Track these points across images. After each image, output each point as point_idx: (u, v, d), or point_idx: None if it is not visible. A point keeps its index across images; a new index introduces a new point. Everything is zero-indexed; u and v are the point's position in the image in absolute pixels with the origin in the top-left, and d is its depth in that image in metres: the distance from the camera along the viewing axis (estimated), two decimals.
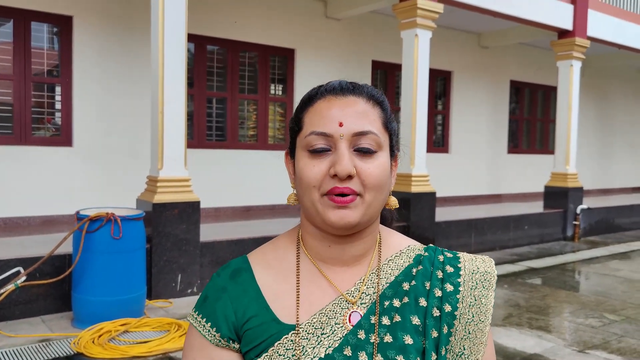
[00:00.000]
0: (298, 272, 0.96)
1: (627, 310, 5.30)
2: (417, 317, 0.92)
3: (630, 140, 15.14)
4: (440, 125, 10.84)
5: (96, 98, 6.82)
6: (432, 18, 7.09)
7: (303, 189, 0.90)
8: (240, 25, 7.97)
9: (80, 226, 4.28)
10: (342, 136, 0.88)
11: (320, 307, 0.92)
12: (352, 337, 0.90)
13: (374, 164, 0.89)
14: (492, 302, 0.96)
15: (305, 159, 0.90)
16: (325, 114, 0.89)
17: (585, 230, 9.80)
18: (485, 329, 0.95)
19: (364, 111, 0.91)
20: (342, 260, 0.96)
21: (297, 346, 0.89)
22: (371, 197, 0.89)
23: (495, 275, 0.99)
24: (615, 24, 10.19)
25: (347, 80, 0.95)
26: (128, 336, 4.13)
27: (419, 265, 0.98)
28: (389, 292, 0.94)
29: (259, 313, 0.93)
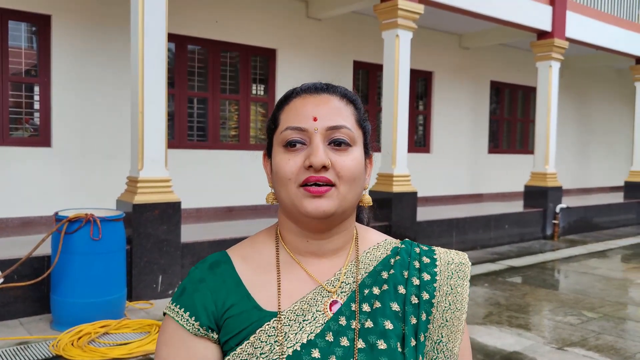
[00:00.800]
0: (278, 264, 0.98)
1: (605, 307, 5.38)
2: (396, 303, 0.95)
3: (608, 140, 15.38)
4: (422, 125, 10.91)
5: (75, 98, 6.75)
6: (413, 19, 7.13)
7: (280, 183, 0.93)
8: (222, 25, 7.95)
9: (59, 227, 4.23)
10: (316, 130, 0.91)
11: (300, 296, 0.95)
12: (333, 323, 0.92)
13: (348, 157, 0.92)
14: (467, 292, 1.00)
15: (282, 154, 0.93)
16: (300, 111, 0.93)
17: (564, 229, 9.93)
18: (462, 316, 0.98)
19: (338, 108, 0.94)
20: (320, 253, 0.98)
21: (279, 332, 0.90)
22: (346, 189, 0.92)
23: (469, 267, 1.03)
24: (594, 26, 10.34)
25: (320, 82, 0.99)
26: (108, 338, 4.09)
27: (396, 256, 1.02)
28: (369, 280, 0.98)
29: (239, 301, 0.94)
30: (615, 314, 5.20)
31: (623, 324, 4.91)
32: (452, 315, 0.97)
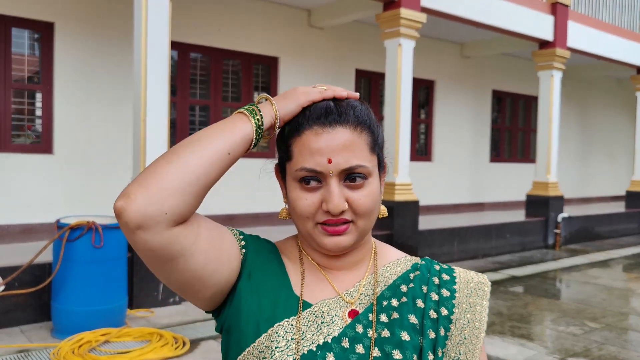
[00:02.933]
0: (302, 268, 1.01)
1: (607, 318, 5.36)
2: (414, 316, 0.97)
3: (609, 150, 15.37)
4: (424, 134, 10.91)
5: (77, 105, 6.76)
6: (415, 28, 7.15)
7: (297, 217, 0.95)
8: (224, 33, 7.97)
9: (60, 235, 4.22)
10: (331, 173, 0.91)
11: (321, 299, 0.98)
12: (350, 330, 0.94)
13: (364, 193, 0.93)
14: (487, 311, 1.01)
15: (298, 191, 0.94)
16: (313, 148, 0.92)
17: (565, 239, 9.91)
18: (480, 335, 0.98)
19: (352, 143, 0.93)
20: (339, 267, 1.01)
21: (297, 331, 0.93)
22: (363, 223, 0.95)
23: (489, 286, 1.04)
24: (595, 36, 10.36)
25: (332, 104, 0.94)
26: (109, 346, 4.07)
27: (416, 271, 1.04)
28: (387, 293, 1.00)
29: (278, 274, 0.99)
30: (618, 324, 5.18)
31: (626, 335, 4.88)
32: (471, 333, 0.98)
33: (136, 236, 0.84)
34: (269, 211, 8.19)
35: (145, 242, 0.84)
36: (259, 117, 0.92)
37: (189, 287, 0.92)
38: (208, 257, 0.90)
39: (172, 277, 0.90)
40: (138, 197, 0.82)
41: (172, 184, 0.84)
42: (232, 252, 0.96)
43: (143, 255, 0.87)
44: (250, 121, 0.92)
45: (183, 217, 0.86)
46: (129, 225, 0.83)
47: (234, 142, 0.90)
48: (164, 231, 0.84)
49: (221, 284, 0.94)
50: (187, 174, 0.85)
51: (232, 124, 0.91)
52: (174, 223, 0.85)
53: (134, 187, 0.84)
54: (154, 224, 0.83)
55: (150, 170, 0.86)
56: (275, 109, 0.94)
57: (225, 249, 0.94)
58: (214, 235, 0.93)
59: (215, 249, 0.92)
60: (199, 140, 0.89)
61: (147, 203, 0.82)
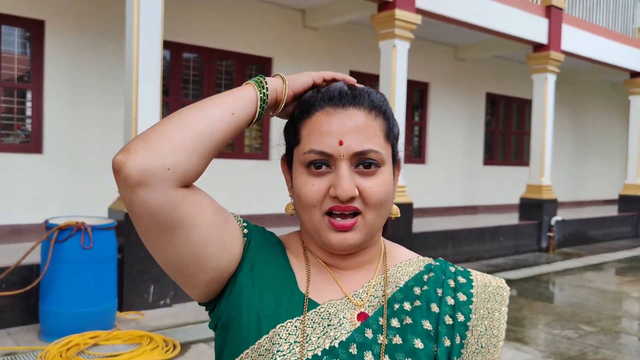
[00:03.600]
0: (308, 267, 0.93)
1: (602, 321, 5.33)
2: (428, 322, 0.90)
3: (603, 153, 15.41)
4: (417, 137, 10.88)
5: (68, 104, 6.67)
6: (410, 29, 7.12)
7: (302, 206, 0.88)
8: (218, 32, 7.90)
9: (48, 235, 4.15)
10: (342, 156, 0.84)
11: (327, 299, 0.90)
12: (358, 335, 0.87)
13: (376, 182, 0.86)
14: (505, 318, 0.94)
15: (304, 176, 0.87)
16: (324, 129, 0.85)
17: (559, 242, 9.89)
18: (499, 344, 0.92)
19: (365, 126, 0.86)
20: (347, 267, 0.94)
21: (301, 333, 0.85)
22: (373, 216, 0.87)
23: (507, 291, 0.97)
24: (589, 39, 10.38)
25: (347, 87, 0.89)
26: (98, 349, 4.00)
27: (430, 272, 0.97)
28: (399, 295, 0.92)
29: (282, 268, 0.92)
30: (613, 327, 5.15)
31: (621, 338, 4.85)
32: (488, 342, 0.91)
33: (136, 195, 0.77)
34: (261, 212, 8.12)
35: (144, 202, 0.77)
36: (264, 83, 0.88)
37: (184, 267, 0.84)
38: (209, 236, 0.83)
39: (169, 252, 0.83)
40: (139, 151, 0.77)
41: (175, 139, 0.79)
42: (235, 238, 0.89)
43: (140, 221, 0.80)
44: (254, 87, 0.87)
45: (187, 177, 0.80)
46: (128, 181, 0.76)
47: (238, 104, 0.85)
48: (166, 191, 0.78)
49: (220, 269, 0.86)
50: (190, 130, 0.80)
51: (235, 90, 0.87)
52: (177, 183, 0.79)
53: (135, 142, 0.79)
54: (156, 181, 0.77)
55: (152, 127, 0.81)
56: (283, 77, 0.90)
57: (229, 233, 0.88)
58: (218, 215, 0.86)
59: (218, 229, 0.85)
60: (202, 102, 0.85)
61: (149, 157, 0.77)
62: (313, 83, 0.92)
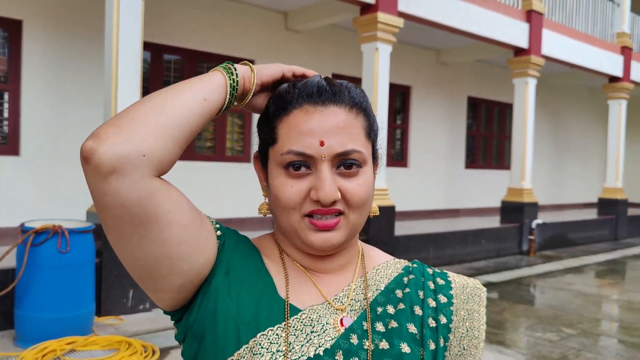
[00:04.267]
0: (285, 269, 0.88)
1: (583, 324, 5.36)
2: (413, 325, 0.87)
3: (582, 157, 15.59)
4: (400, 140, 10.90)
5: (46, 106, 6.56)
6: (392, 32, 7.13)
7: (280, 208, 0.83)
8: (199, 34, 7.84)
9: (24, 239, 4.05)
10: (323, 157, 0.80)
11: (308, 304, 0.86)
12: (344, 341, 0.83)
13: (358, 182, 0.83)
14: (485, 319, 0.93)
15: (282, 177, 0.82)
16: (303, 129, 0.81)
17: (540, 245, 9.97)
18: (480, 345, 0.91)
19: (347, 125, 0.82)
20: (325, 270, 0.90)
21: (284, 342, 0.80)
22: (355, 216, 0.84)
23: (485, 292, 0.97)
24: (569, 44, 10.49)
25: (325, 82, 0.85)
26: (75, 355, 3.91)
27: (409, 274, 0.94)
28: (381, 298, 0.89)
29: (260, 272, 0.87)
30: (594, 330, 5.18)
31: (601, 341, 4.88)
32: (470, 343, 0.90)
33: (108, 185, 0.71)
34: (244, 216, 8.06)
35: (118, 192, 0.71)
36: (232, 69, 0.83)
37: (155, 268, 0.77)
38: (185, 236, 0.78)
39: (140, 251, 0.76)
40: (111, 136, 0.71)
41: (151, 123, 0.73)
42: (210, 240, 0.83)
43: (112, 215, 0.73)
44: (223, 73, 0.82)
45: (162, 165, 0.75)
46: (100, 169, 0.70)
47: (209, 89, 0.80)
48: (141, 180, 0.72)
49: (193, 272, 0.80)
50: (166, 114, 0.75)
51: (204, 76, 0.82)
52: (153, 171, 0.74)
53: (106, 126, 0.72)
54: (131, 169, 0.71)
55: (124, 111, 0.75)
56: (251, 66, 0.86)
57: (204, 234, 0.82)
58: (194, 215, 0.80)
59: (194, 230, 0.80)
60: (174, 87, 0.79)
61: (123, 142, 0.71)
62: (282, 75, 0.88)
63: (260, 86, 0.87)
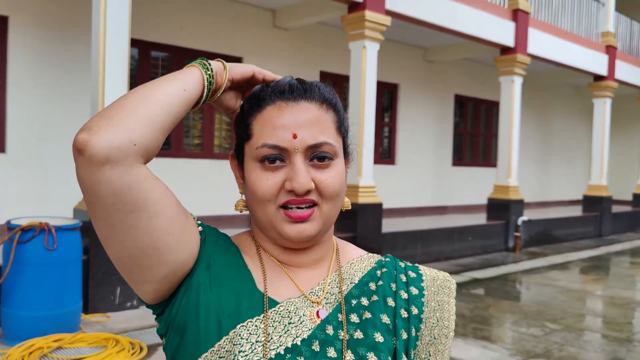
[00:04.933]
0: (263, 265, 0.92)
1: (567, 319, 5.43)
2: (386, 315, 0.91)
3: (567, 155, 15.75)
4: (387, 137, 10.95)
5: (32, 102, 6.52)
6: (380, 30, 7.16)
7: (256, 202, 0.87)
8: (187, 31, 7.82)
9: (11, 236, 4.04)
10: (296, 149, 0.84)
11: (287, 297, 0.89)
12: (320, 332, 0.86)
13: (330, 174, 0.87)
14: (454, 310, 0.98)
15: (258, 171, 0.86)
16: (276, 123, 0.85)
17: (525, 242, 10.07)
18: (450, 334, 0.96)
19: (318, 119, 0.87)
20: (300, 264, 0.93)
21: (263, 332, 0.84)
22: (329, 207, 0.88)
23: (454, 284, 1.01)
24: (555, 43, 10.59)
25: (295, 79, 0.91)
26: (62, 353, 3.91)
27: (382, 268, 0.98)
28: (356, 291, 0.93)
29: (239, 267, 0.91)
30: (577, 325, 5.25)
31: (585, 336, 4.96)
32: (440, 333, 0.95)
33: (103, 173, 0.74)
34: (232, 213, 8.07)
35: (111, 181, 0.74)
36: (208, 65, 0.87)
37: (142, 258, 0.81)
38: (171, 228, 0.82)
39: (130, 240, 0.79)
40: (103, 127, 0.74)
41: (140, 112, 0.77)
42: (193, 235, 0.87)
43: (104, 202, 0.76)
44: (199, 68, 0.87)
45: (149, 152, 0.79)
46: (94, 159, 0.73)
47: (188, 82, 0.84)
48: (132, 167, 0.76)
49: (178, 264, 0.84)
50: (152, 103, 0.79)
51: (181, 71, 0.87)
52: (142, 158, 0.77)
53: (96, 119, 0.76)
54: (123, 157, 0.74)
55: (112, 104, 0.79)
56: (224, 64, 0.90)
57: (188, 228, 0.86)
58: (179, 208, 0.85)
59: (179, 223, 0.84)
60: (154, 80, 0.84)
61: (115, 132, 0.74)
62: (253, 75, 0.93)
63: (231, 82, 0.91)
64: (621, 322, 5.45)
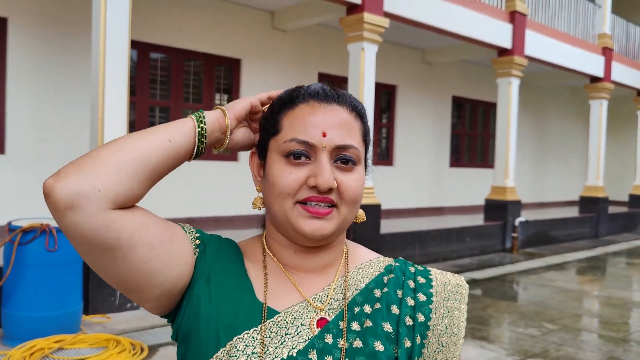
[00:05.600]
0: (265, 272, 0.93)
1: (564, 319, 5.47)
2: (389, 324, 0.90)
3: (564, 156, 15.80)
4: (385, 139, 10.98)
5: (32, 103, 6.53)
6: (378, 32, 7.19)
7: (275, 195, 0.87)
8: (186, 33, 7.84)
9: (12, 238, 4.05)
10: (324, 147, 0.86)
11: (285, 307, 0.89)
12: (318, 341, 0.86)
13: (353, 178, 0.88)
14: (465, 316, 0.95)
15: (282, 164, 0.87)
16: (308, 121, 0.87)
17: (523, 242, 10.11)
18: (459, 342, 0.93)
19: (347, 123, 0.89)
20: (308, 268, 0.94)
21: (260, 344, 0.85)
22: (347, 211, 0.88)
23: (467, 289, 0.98)
24: (551, 45, 10.64)
25: (328, 86, 0.93)
26: (63, 354, 3.93)
27: (390, 274, 0.97)
28: (359, 298, 0.92)
29: (240, 277, 0.92)
30: (574, 325, 5.29)
31: (582, 335, 4.99)
32: (449, 340, 0.92)
33: (66, 219, 0.76)
34: (230, 214, 8.09)
35: (76, 225, 0.76)
36: (202, 117, 0.89)
37: (131, 283, 0.83)
38: (152, 253, 0.82)
39: (112, 272, 0.82)
40: (70, 174, 0.77)
41: (109, 161, 0.79)
42: (184, 251, 0.88)
43: (76, 243, 0.79)
44: (193, 120, 0.89)
45: (120, 199, 0.79)
46: (58, 205, 0.75)
47: (175, 133, 0.86)
48: (97, 213, 0.76)
49: (168, 284, 0.85)
50: (124, 153, 0.80)
51: (175, 121, 0.89)
52: (110, 204, 0.78)
53: (68, 166, 0.79)
54: (86, 203, 0.76)
55: (87, 153, 0.81)
56: (222, 108, 0.92)
57: (176, 247, 0.86)
58: (162, 231, 0.85)
59: (163, 245, 0.84)
60: (139, 131, 0.86)
61: (79, 179, 0.76)
62: (251, 106, 0.94)
63: (236, 120, 0.93)
64: (618, 322, 5.49)
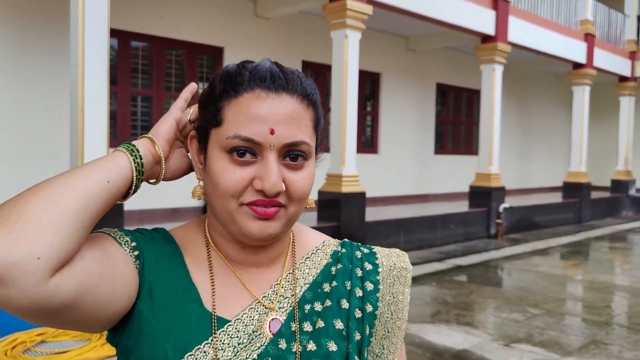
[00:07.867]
0: (212, 273, 0.85)
1: (548, 304, 5.52)
2: (339, 320, 0.86)
3: (547, 142, 15.92)
4: (370, 126, 10.97)
5: (10, 96, 6.41)
6: (361, 19, 7.15)
7: (218, 194, 0.79)
8: (167, 21, 7.74)
9: None
10: (272, 146, 0.77)
11: (235, 313, 0.82)
12: (272, 347, 0.81)
13: (302, 175, 0.81)
14: (408, 299, 0.93)
15: (224, 162, 0.78)
16: (253, 114, 0.77)
17: (507, 228, 10.19)
18: (403, 325, 0.92)
19: (298, 115, 0.80)
20: (256, 262, 0.87)
21: (212, 358, 0.78)
22: (295, 209, 0.82)
23: (410, 271, 0.95)
24: (535, 31, 10.67)
25: (277, 68, 0.83)
26: (45, 347, 3.88)
27: (337, 263, 0.92)
28: (309, 294, 0.87)
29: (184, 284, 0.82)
30: (558, 309, 5.35)
31: (565, 320, 5.05)
32: (394, 325, 0.91)
33: None
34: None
35: (9, 302, 0.62)
36: (134, 149, 0.80)
37: (80, 327, 0.75)
38: (99, 294, 0.72)
39: (62, 327, 0.74)
40: None
41: (45, 219, 0.65)
42: (127, 273, 0.78)
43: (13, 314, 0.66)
44: (126, 154, 0.79)
45: (62, 260, 0.67)
46: None
47: (112, 171, 0.76)
48: (37, 286, 0.63)
49: (117, 313, 0.77)
50: (62, 205, 0.68)
51: (105, 157, 0.78)
52: (51, 271, 0.65)
53: None
54: (22, 275, 0.62)
55: (12, 204, 0.66)
56: (149, 136, 0.83)
57: (119, 275, 0.76)
58: (103, 267, 0.74)
59: (107, 283, 0.74)
60: (71, 171, 0.74)
61: (12, 245, 0.62)
62: (176, 122, 0.86)
63: (167, 145, 0.85)
64: (600, 306, 5.55)
